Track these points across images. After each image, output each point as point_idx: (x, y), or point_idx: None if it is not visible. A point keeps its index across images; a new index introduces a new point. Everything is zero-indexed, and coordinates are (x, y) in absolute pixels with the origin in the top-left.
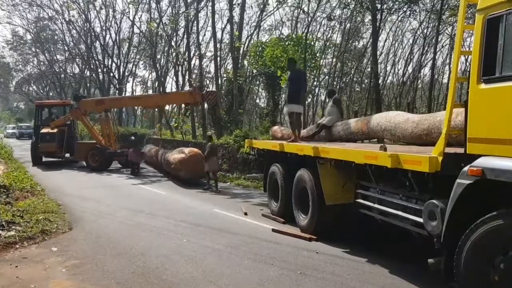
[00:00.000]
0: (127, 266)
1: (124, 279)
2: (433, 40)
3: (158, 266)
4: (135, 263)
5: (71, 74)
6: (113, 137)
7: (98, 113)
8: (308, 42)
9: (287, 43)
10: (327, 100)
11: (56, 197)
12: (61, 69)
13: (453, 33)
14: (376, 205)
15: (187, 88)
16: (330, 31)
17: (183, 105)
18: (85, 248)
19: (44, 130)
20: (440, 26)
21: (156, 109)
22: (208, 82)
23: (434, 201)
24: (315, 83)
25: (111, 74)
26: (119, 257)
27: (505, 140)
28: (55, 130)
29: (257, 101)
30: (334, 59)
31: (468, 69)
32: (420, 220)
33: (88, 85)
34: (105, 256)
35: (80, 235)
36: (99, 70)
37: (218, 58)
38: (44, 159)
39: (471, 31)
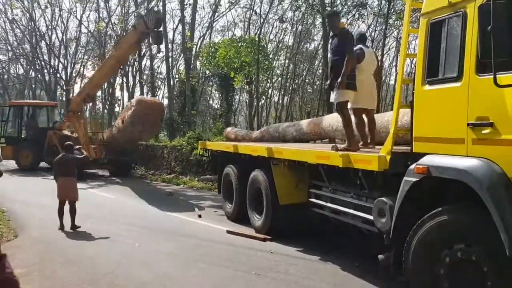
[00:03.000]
0: (77, 273)
1: (74, 286)
2: (381, 43)
3: (109, 272)
4: (84, 269)
5: (15, 75)
6: (98, 141)
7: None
8: (261, 43)
9: (240, 45)
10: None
11: None
12: (4, 70)
13: (399, 36)
14: (328, 204)
15: (137, 90)
16: (282, 33)
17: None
18: (32, 255)
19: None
20: (387, 30)
21: None
22: (160, 83)
23: (383, 198)
24: (268, 84)
25: (58, 75)
26: (68, 264)
27: (448, 139)
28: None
29: (211, 102)
30: (287, 61)
31: (414, 71)
32: (370, 217)
33: (33, 86)
34: (53, 263)
35: (27, 242)
36: (45, 71)
37: (170, 59)
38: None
39: (416, 35)
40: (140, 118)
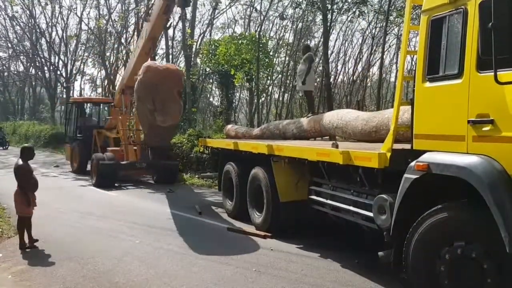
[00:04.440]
0: (77, 270)
1: (74, 283)
2: (381, 40)
3: (110, 269)
4: (85, 266)
5: (15, 72)
6: (138, 144)
7: (127, 100)
8: (261, 41)
9: (240, 42)
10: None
11: (0, 201)
12: (4, 67)
13: (399, 34)
14: (328, 201)
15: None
16: (283, 30)
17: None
18: (33, 253)
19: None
20: (388, 27)
21: None
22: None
23: (383, 195)
24: (268, 81)
25: (58, 72)
26: (69, 261)
27: (448, 136)
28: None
29: (211, 99)
30: (287, 58)
31: (414, 68)
32: (370, 214)
33: (33, 83)
34: (54, 260)
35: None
36: (45, 68)
37: (170, 56)
38: None
39: (416, 32)
40: (148, 90)
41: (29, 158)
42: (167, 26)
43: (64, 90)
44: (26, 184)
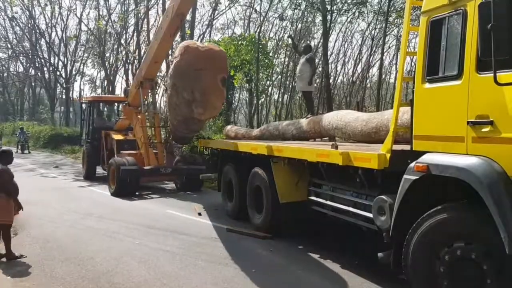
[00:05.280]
0: (77, 271)
1: (74, 284)
2: (381, 41)
3: (109, 269)
4: (85, 267)
5: (15, 72)
6: (159, 142)
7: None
8: (261, 42)
9: (240, 43)
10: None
11: None
12: (3, 68)
13: (399, 35)
14: (328, 202)
15: None
16: (282, 31)
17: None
18: (32, 254)
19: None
20: (387, 28)
21: None
22: (160, 81)
23: (383, 196)
24: (268, 82)
25: (58, 73)
26: (68, 262)
27: (448, 137)
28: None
29: None
30: (287, 59)
31: (414, 69)
32: (370, 215)
33: (33, 84)
34: (53, 261)
35: (26, 240)
36: (45, 68)
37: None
38: None
39: (416, 33)
40: (186, 76)
41: (8, 163)
42: None
43: (64, 90)
44: (9, 188)
